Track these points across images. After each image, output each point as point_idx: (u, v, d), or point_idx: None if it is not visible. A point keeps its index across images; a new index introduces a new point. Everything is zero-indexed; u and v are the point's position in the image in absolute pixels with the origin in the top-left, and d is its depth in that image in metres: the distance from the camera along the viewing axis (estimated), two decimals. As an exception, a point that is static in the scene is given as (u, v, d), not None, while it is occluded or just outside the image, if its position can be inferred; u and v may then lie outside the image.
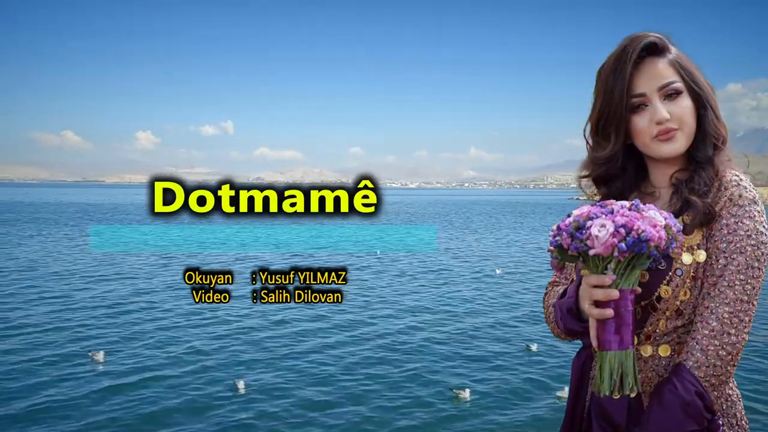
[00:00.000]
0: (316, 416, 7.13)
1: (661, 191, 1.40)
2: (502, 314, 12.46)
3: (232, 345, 9.91)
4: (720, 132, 1.37)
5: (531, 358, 9.30)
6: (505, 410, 7.32)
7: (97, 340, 10.05)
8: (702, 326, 1.26)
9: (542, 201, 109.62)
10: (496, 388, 8.02)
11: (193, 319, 11.44)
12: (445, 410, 7.31)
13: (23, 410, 7.15)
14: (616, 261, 1.21)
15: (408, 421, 7.05)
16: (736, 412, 1.34)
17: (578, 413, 1.43)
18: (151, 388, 7.87)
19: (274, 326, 11.04)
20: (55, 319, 11.54)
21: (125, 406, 7.30)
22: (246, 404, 7.41)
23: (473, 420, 7.08)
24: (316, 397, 7.68)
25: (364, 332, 10.84)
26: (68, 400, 7.43)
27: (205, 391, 7.81)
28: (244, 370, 8.68)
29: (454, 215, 56.93)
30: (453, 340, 10.42)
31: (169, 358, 9.19)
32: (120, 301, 13.31)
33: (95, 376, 8.29)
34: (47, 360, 8.95)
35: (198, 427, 6.78)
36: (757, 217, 1.28)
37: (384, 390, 7.96)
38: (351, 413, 7.22)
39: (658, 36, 1.35)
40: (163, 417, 7.04)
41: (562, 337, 1.46)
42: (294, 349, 9.68)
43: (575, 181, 1.51)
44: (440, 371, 8.70)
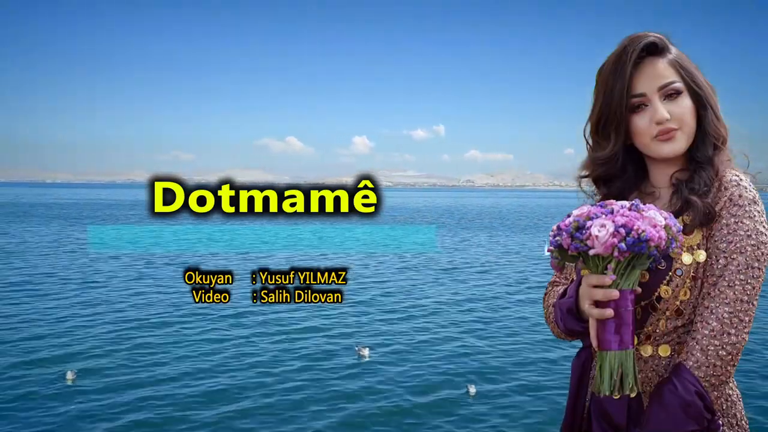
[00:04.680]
0: (316, 416, 7.13)
1: (661, 191, 1.41)
2: (502, 314, 12.47)
3: (231, 345, 9.91)
4: (720, 132, 1.37)
5: (531, 359, 9.30)
6: (504, 411, 7.32)
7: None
8: (702, 326, 1.26)
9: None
10: (495, 389, 8.02)
11: (192, 319, 11.45)
12: (445, 410, 7.31)
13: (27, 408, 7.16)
14: (616, 261, 1.21)
15: (408, 421, 7.05)
16: (736, 412, 1.34)
17: (578, 413, 1.43)
18: (146, 388, 7.87)
19: (273, 326, 11.05)
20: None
21: (119, 408, 7.30)
22: (246, 404, 7.42)
23: (473, 421, 7.08)
24: (316, 396, 7.69)
25: (364, 332, 10.85)
26: (42, 402, 7.44)
27: (204, 392, 7.81)
28: (244, 370, 8.68)
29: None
30: (454, 340, 10.42)
31: (168, 357, 9.19)
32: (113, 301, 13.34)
33: (88, 379, 8.29)
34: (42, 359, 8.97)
35: (195, 426, 6.78)
36: (757, 217, 1.28)
37: (384, 390, 7.96)
38: (351, 413, 7.22)
39: (658, 36, 1.35)
40: (161, 417, 7.04)
41: (562, 337, 1.46)
42: (294, 349, 9.68)
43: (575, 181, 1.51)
44: (441, 371, 8.71)
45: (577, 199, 1.45)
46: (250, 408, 7.34)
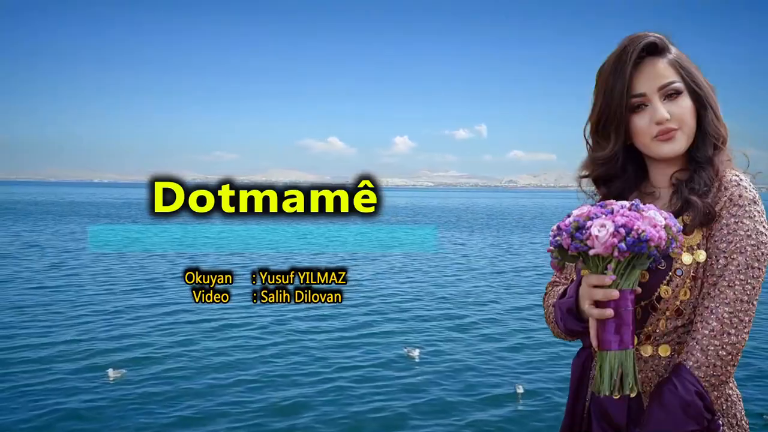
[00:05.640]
0: (315, 416, 7.13)
1: (661, 191, 1.40)
2: (504, 314, 12.46)
3: (231, 345, 9.91)
4: (720, 132, 1.37)
5: (531, 359, 9.30)
6: (504, 410, 7.32)
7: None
8: (702, 326, 1.26)
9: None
10: (496, 388, 8.03)
11: (192, 319, 11.45)
12: (445, 410, 7.32)
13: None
14: (616, 261, 1.21)
15: (408, 421, 7.05)
16: (736, 412, 1.34)
17: (578, 413, 1.43)
18: (145, 389, 7.87)
19: (273, 326, 11.05)
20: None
21: (118, 406, 7.30)
22: (245, 404, 7.42)
23: (473, 421, 7.08)
24: (316, 396, 7.69)
25: (364, 332, 10.85)
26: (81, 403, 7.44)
27: (204, 391, 7.81)
28: (243, 370, 8.68)
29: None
30: (454, 340, 10.42)
31: (166, 358, 9.19)
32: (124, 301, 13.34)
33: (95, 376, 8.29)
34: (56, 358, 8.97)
35: (197, 427, 6.78)
36: (757, 217, 1.28)
37: (384, 390, 7.96)
38: (351, 413, 7.22)
39: (658, 36, 1.35)
40: (158, 418, 7.04)
41: (562, 337, 1.46)
42: (294, 350, 9.68)
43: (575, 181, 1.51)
44: (441, 371, 8.71)
45: (577, 199, 1.45)
46: (249, 408, 7.34)
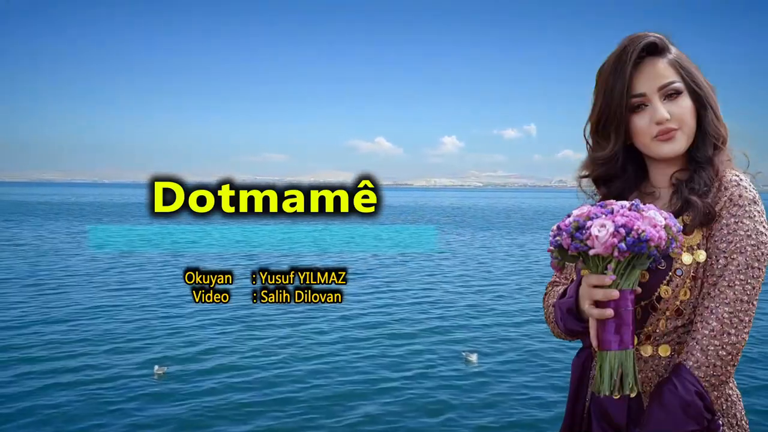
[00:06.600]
0: (315, 415, 7.13)
1: (661, 191, 1.41)
2: (504, 312, 12.46)
3: (230, 345, 9.91)
4: (720, 132, 1.37)
5: (530, 359, 9.30)
6: (504, 409, 7.32)
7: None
8: (702, 326, 1.26)
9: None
10: (495, 388, 8.03)
11: (191, 319, 11.46)
12: (445, 410, 7.32)
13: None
14: (616, 261, 1.21)
15: (408, 421, 7.05)
16: (736, 412, 1.34)
17: (578, 413, 1.43)
18: (145, 389, 7.88)
19: (273, 326, 11.06)
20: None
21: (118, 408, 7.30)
22: (245, 404, 7.42)
23: (473, 422, 7.08)
24: (316, 396, 7.69)
25: (364, 332, 10.86)
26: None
27: (203, 391, 7.82)
28: (243, 369, 8.69)
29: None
30: (455, 340, 10.42)
31: (165, 358, 9.19)
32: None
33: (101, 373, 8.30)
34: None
35: (197, 428, 6.79)
36: (757, 217, 1.28)
37: (384, 390, 7.96)
38: (351, 413, 7.22)
39: (658, 36, 1.35)
40: (157, 419, 7.04)
41: (562, 337, 1.46)
42: (294, 349, 9.69)
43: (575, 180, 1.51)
44: (441, 371, 8.71)
45: (577, 199, 1.45)
46: (249, 408, 7.34)
